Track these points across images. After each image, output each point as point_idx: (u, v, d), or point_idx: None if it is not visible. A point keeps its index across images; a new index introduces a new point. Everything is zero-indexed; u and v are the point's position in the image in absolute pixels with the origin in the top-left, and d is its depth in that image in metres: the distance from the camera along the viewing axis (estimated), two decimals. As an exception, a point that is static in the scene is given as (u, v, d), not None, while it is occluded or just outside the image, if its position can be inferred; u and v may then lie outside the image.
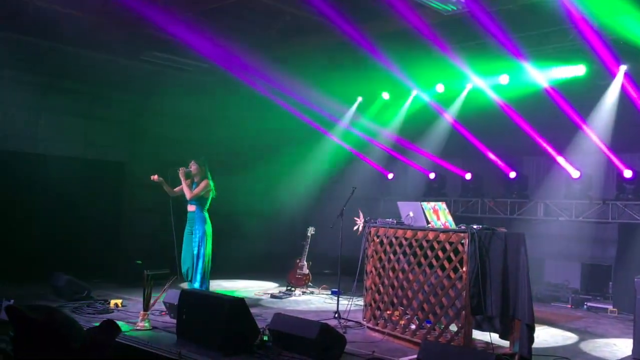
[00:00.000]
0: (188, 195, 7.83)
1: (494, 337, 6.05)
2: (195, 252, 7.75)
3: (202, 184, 7.88)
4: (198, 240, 7.77)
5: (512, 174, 10.86)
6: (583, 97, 9.66)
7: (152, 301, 6.58)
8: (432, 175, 11.83)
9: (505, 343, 6.10)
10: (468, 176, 11.44)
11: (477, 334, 6.33)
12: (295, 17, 10.12)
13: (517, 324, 5.84)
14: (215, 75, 11.22)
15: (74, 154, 11.21)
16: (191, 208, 7.93)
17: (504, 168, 10.88)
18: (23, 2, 8.59)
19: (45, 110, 10.98)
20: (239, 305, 5.75)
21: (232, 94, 12.07)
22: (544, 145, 10.13)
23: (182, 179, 7.86)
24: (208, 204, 7.97)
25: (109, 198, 11.54)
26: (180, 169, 7.91)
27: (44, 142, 10.92)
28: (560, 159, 10.13)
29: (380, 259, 6.84)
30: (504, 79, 10.07)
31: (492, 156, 10.87)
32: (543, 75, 9.70)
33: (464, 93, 10.75)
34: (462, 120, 10.93)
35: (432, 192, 11.71)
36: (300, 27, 10.50)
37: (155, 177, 7.90)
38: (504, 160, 10.88)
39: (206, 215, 7.91)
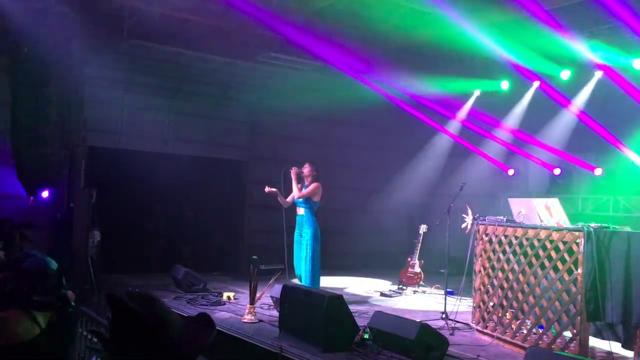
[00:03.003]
0: (297, 194, 7.85)
1: (616, 346, 5.53)
2: (304, 254, 7.75)
3: (312, 186, 7.86)
4: (306, 243, 7.78)
5: (651, 169, 9.86)
6: None
7: (258, 295, 6.74)
8: (557, 171, 11.03)
9: (629, 353, 5.54)
10: (598, 171, 10.53)
11: (597, 342, 5.84)
12: (410, 10, 9.92)
13: (642, 333, 5.29)
14: (330, 73, 11.30)
15: (198, 153, 11.82)
16: (300, 211, 7.93)
17: (640, 162, 9.89)
18: (149, 10, 9.16)
19: (173, 112, 11.68)
20: (337, 302, 5.72)
21: (347, 92, 12.09)
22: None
23: (293, 178, 7.92)
24: (316, 208, 7.95)
25: (230, 195, 12.06)
26: (292, 168, 7.97)
27: (170, 142, 11.62)
28: None
29: (489, 259, 6.50)
30: (637, 64, 9.11)
31: (626, 149, 9.92)
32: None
33: (592, 82, 9.90)
34: (591, 111, 10.09)
35: (556, 188, 10.94)
36: (416, 19, 10.28)
37: (271, 189, 7.98)
38: (641, 153, 9.90)
39: (314, 218, 7.87)
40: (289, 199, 8.03)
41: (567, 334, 5.58)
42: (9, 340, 2.77)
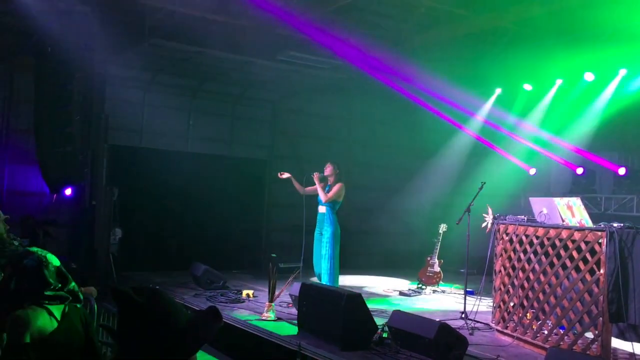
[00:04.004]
0: (324, 199, 7.83)
1: (639, 348, 5.43)
2: (323, 252, 7.77)
3: (336, 187, 7.88)
4: (326, 242, 7.79)
5: (676, 168, 9.70)
6: None
7: (276, 293, 6.76)
8: (579, 170, 10.89)
9: (653, 355, 5.45)
10: (622, 171, 10.38)
11: (620, 344, 5.75)
12: (430, 8, 9.88)
13: (666, 335, 5.20)
14: (349, 72, 11.29)
15: (219, 151, 11.89)
16: (322, 209, 7.94)
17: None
18: (169, 10, 9.22)
19: (194, 111, 11.76)
20: (356, 300, 5.71)
21: (366, 91, 12.07)
22: None
23: (316, 182, 7.93)
24: (338, 207, 7.97)
25: (250, 194, 12.09)
26: (314, 174, 7.98)
27: (192, 141, 11.70)
28: None
29: (509, 258, 6.44)
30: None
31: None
32: None
33: (616, 80, 9.75)
34: (615, 111, 9.95)
35: (579, 188, 10.82)
36: (436, 18, 10.22)
37: (284, 174, 8.06)
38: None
39: (335, 217, 7.89)
40: (307, 188, 8.06)
41: (589, 335, 5.50)
42: (33, 336, 2.82)
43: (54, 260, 3.00)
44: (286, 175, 8.08)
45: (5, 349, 2.84)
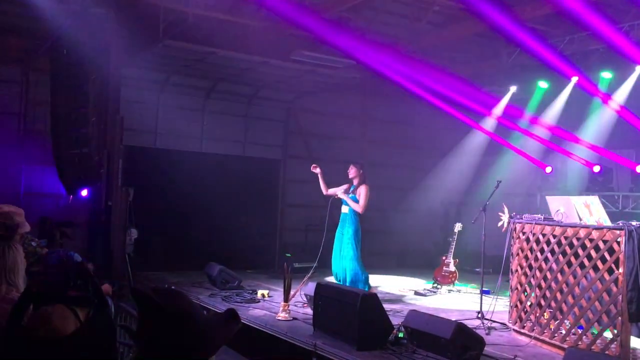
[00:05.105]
0: (359, 210, 7.75)
1: (659, 349, 5.38)
2: (344, 253, 7.73)
3: (364, 193, 7.76)
4: (347, 241, 7.75)
5: (695, 166, 9.56)
6: None
7: (292, 293, 6.76)
8: (596, 168, 10.78)
9: (673, 356, 5.39)
10: (639, 168, 10.26)
11: (639, 343, 5.68)
12: (444, 7, 9.83)
13: (687, 335, 5.13)
14: (362, 71, 11.27)
15: (233, 152, 11.93)
16: (344, 209, 7.87)
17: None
18: (183, 11, 9.26)
19: (208, 112, 11.81)
20: (371, 300, 5.69)
21: (379, 90, 12.03)
22: None
23: (343, 197, 7.87)
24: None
25: (264, 194, 12.13)
26: (337, 193, 7.92)
27: (206, 142, 11.74)
28: None
29: (526, 258, 6.39)
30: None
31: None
32: None
33: (633, 77, 9.63)
34: (631, 107, 9.83)
35: (596, 186, 10.69)
36: (450, 16, 10.17)
37: (317, 168, 8.00)
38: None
39: (357, 217, 7.82)
40: (330, 191, 8.01)
41: (608, 334, 5.44)
42: (50, 334, 2.83)
43: (76, 256, 3.05)
44: (318, 170, 8.00)
45: (17, 340, 2.86)
